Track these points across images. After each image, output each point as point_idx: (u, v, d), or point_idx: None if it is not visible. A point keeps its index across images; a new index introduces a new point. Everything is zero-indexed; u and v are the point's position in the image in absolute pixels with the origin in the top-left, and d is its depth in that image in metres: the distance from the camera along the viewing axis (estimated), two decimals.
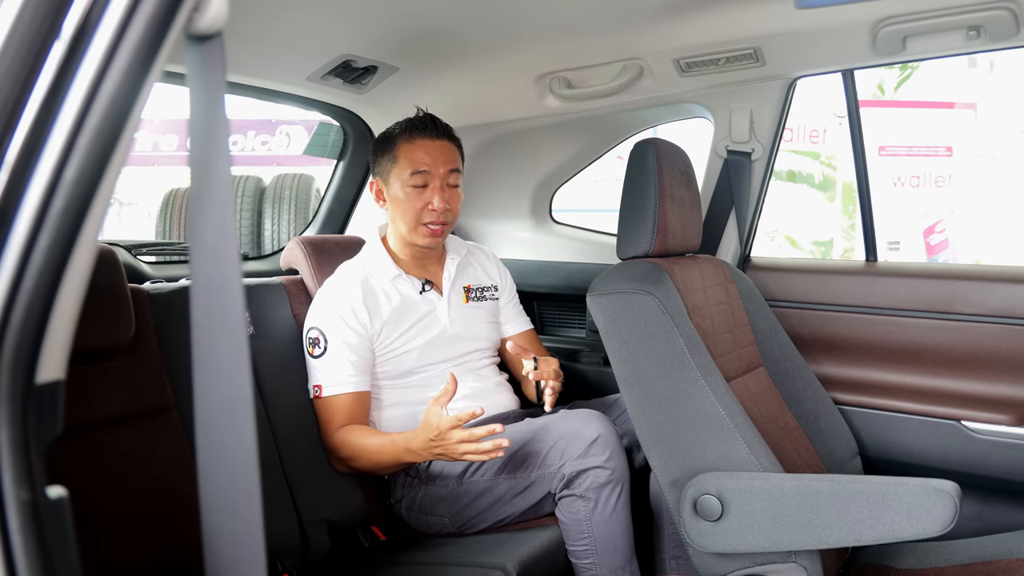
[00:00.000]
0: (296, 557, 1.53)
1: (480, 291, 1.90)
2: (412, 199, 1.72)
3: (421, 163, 1.72)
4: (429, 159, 1.72)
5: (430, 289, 1.80)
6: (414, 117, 1.77)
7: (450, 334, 1.78)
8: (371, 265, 1.78)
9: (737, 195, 2.01)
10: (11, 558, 0.51)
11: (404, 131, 1.76)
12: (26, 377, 0.52)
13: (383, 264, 1.78)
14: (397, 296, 1.75)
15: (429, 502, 1.63)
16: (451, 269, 1.85)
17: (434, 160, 1.72)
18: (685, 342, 1.40)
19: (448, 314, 1.79)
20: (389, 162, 1.76)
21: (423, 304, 1.78)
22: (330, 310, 1.69)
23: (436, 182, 1.72)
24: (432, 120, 1.77)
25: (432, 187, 1.72)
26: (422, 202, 1.72)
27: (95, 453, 1.31)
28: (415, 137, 1.74)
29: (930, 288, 1.82)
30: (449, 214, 1.74)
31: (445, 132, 1.77)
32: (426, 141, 1.74)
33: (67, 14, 0.52)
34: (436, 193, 1.72)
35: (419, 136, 1.74)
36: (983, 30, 1.58)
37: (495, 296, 1.93)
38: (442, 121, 1.78)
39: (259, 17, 1.58)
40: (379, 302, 1.72)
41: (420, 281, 1.80)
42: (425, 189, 1.72)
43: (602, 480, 1.47)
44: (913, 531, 1.17)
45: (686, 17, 1.73)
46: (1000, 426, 1.66)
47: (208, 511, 0.56)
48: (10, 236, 0.52)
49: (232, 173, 0.57)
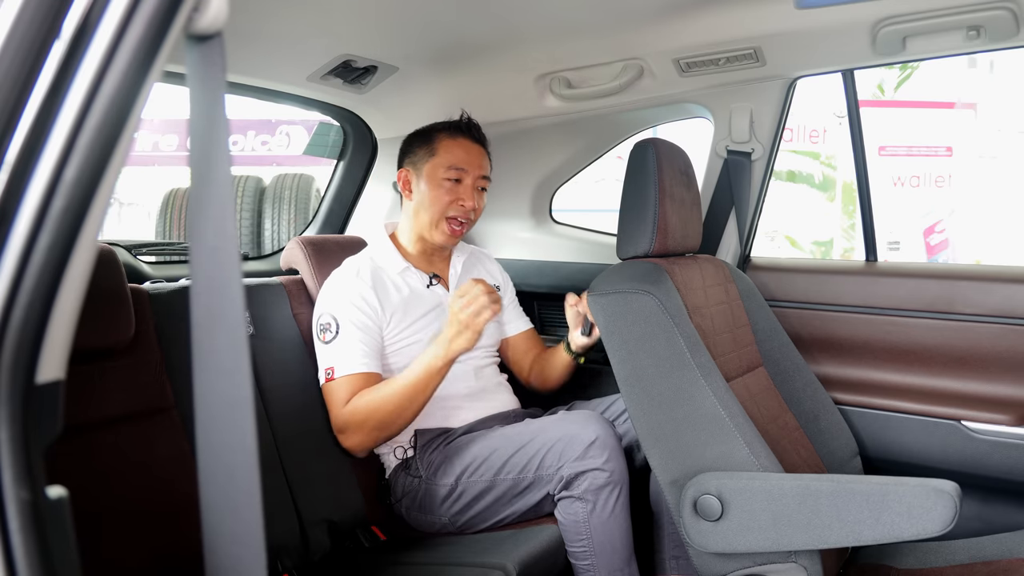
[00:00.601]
0: (296, 557, 1.53)
1: None
2: (445, 192, 1.76)
3: (460, 160, 1.78)
4: (468, 159, 1.79)
5: (437, 284, 1.82)
6: (459, 119, 1.84)
7: None
8: (379, 257, 1.80)
9: (737, 195, 2.01)
10: (11, 558, 0.51)
11: (447, 128, 1.83)
12: (26, 377, 0.52)
13: (391, 256, 1.80)
14: (406, 287, 1.77)
15: (429, 502, 1.63)
16: (457, 266, 1.89)
17: (472, 161, 1.79)
18: (685, 342, 1.40)
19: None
20: (426, 154, 1.80)
21: (430, 298, 1.79)
22: (341, 296, 1.70)
23: (469, 180, 1.78)
24: (476, 126, 1.85)
25: (465, 184, 1.78)
26: (453, 196, 1.77)
27: (95, 453, 1.31)
28: (458, 136, 1.81)
29: (930, 288, 1.82)
30: (473, 214, 1.80)
31: (483, 141, 1.85)
32: (467, 142, 1.81)
33: (67, 14, 0.52)
34: (469, 191, 1.78)
35: (462, 136, 1.81)
36: (983, 30, 1.58)
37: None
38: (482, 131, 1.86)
39: (259, 17, 1.58)
40: (388, 290, 1.74)
41: (428, 275, 1.82)
42: (459, 185, 1.77)
43: (601, 482, 1.47)
44: (913, 531, 1.17)
45: (686, 17, 1.73)
46: (1000, 426, 1.66)
47: (208, 511, 0.56)
48: (10, 236, 0.52)
49: (232, 173, 0.57)
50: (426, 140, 1.81)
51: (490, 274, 1.97)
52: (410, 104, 1.87)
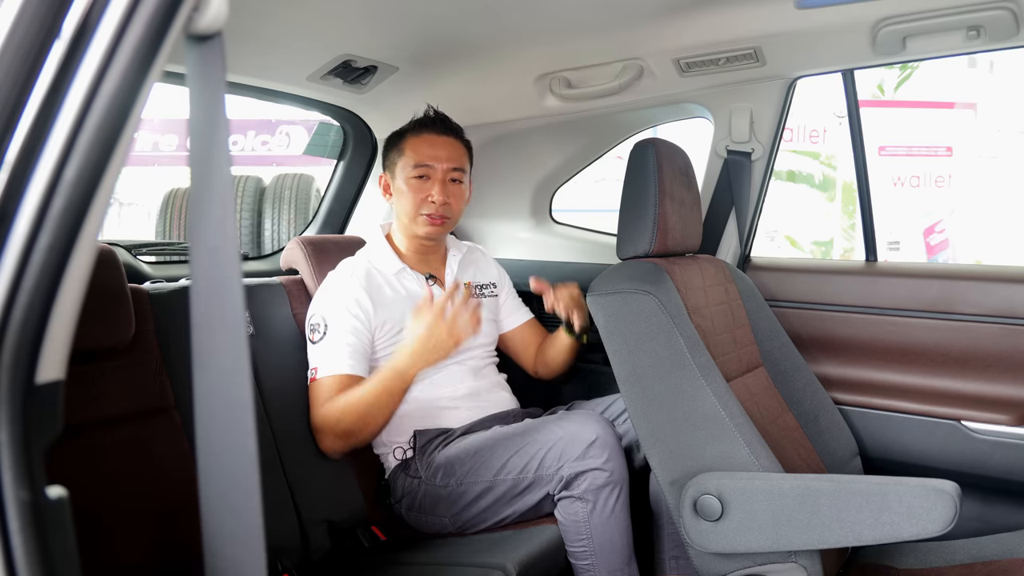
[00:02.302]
0: (296, 557, 1.53)
1: (480, 288, 1.92)
2: (413, 190, 1.76)
3: (424, 156, 1.77)
4: (432, 153, 1.77)
5: (434, 284, 1.83)
6: (424, 115, 1.83)
7: None
8: (375, 259, 1.81)
9: (737, 195, 2.01)
10: (11, 558, 0.51)
11: (414, 126, 1.82)
12: (26, 377, 0.52)
13: (387, 258, 1.81)
14: (402, 289, 1.78)
15: (429, 502, 1.63)
16: (453, 265, 1.89)
17: (437, 155, 1.77)
18: (685, 342, 1.40)
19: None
20: (396, 155, 1.81)
21: None
22: (333, 298, 1.71)
23: (438, 175, 1.76)
24: (442, 118, 1.82)
25: (434, 180, 1.76)
26: (423, 194, 1.76)
27: (95, 453, 1.31)
28: (422, 132, 1.80)
29: (930, 288, 1.82)
30: (448, 208, 1.77)
31: (452, 131, 1.82)
32: (432, 136, 1.79)
33: (67, 14, 0.52)
34: (436, 186, 1.76)
35: (426, 131, 1.80)
36: (983, 30, 1.58)
37: (495, 293, 1.96)
38: (453, 121, 1.83)
39: (259, 17, 1.58)
40: (383, 292, 1.74)
41: (424, 275, 1.83)
42: (426, 182, 1.76)
43: (600, 482, 1.47)
44: (913, 531, 1.17)
45: (686, 17, 1.73)
46: (1000, 426, 1.66)
47: (208, 511, 0.56)
48: (10, 236, 0.52)
49: (232, 173, 0.57)
50: (397, 141, 1.82)
51: (486, 271, 1.97)
52: (410, 104, 1.87)
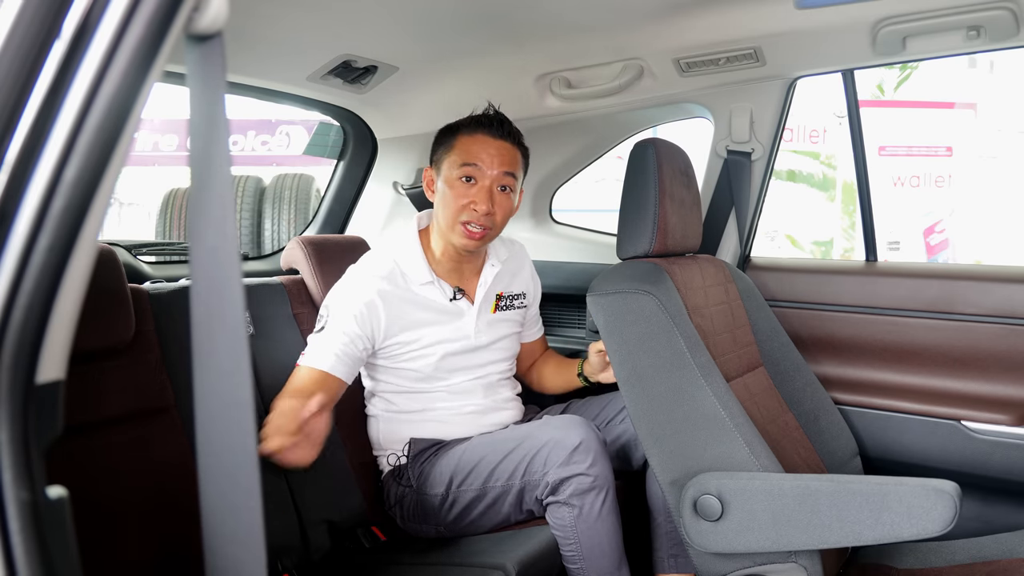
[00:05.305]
0: (296, 557, 1.53)
1: (510, 299, 1.82)
2: (456, 192, 1.62)
3: (474, 156, 1.62)
4: (484, 155, 1.62)
5: (461, 297, 1.71)
6: (483, 112, 1.69)
7: (474, 345, 1.71)
8: (403, 262, 1.68)
9: (737, 195, 2.01)
10: (11, 558, 0.51)
11: (468, 123, 1.68)
12: (26, 377, 0.52)
13: (416, 264, 1.68)
14: (425, 301, 1.68)
15: (422, 511, 1.61)
16: (488, 278, 1.75)
17: (488, 157, 1.62)
18: (685, 342, 1.40)
19: (475, 324, 1.72)
20: (445, 150, 1.67)
21: (452, 311, 1.70)
22: (347, 298, 1.61)
23: (485, 181, 1.62)
24: (500, 119, 1.67)
25: (480, 186, 1.62)
26: (466, 199, 1.61)
27: (95, 453, 1.31)
28: (476, 131, 1.65)
29: (930, 288, 1.82)
30: (490, 219, 1.62)
31: (510, 134, 1.67)
32: (486, 137, 1.64)
33: (67, 14, 0.52)
34: (482, 193, 1.61)
35: (480, 131, 1.65)
36: (983, 30, 1.58)
37: (524, 304, 1.85)
38: (513, 124, 1.69)
39: (259, 17, 1.57)
40: (404, 306, 1.64)
41: (452, 288, 1.71)
42: (472, 185, 1.62)
43: (585, 487, 1.44)
44: (913, 531, 1.17)
45: (686, 17, 1.73)
46: (1000, 426, 1.66)
47: (208, 511, 0.56)
48: (10, 236, 0.52)
49: (232, 173, 0.57)
50: (448, 136, 1.68)
51: (521, 282, 1.86)
52: (410, 104, 1.87)
